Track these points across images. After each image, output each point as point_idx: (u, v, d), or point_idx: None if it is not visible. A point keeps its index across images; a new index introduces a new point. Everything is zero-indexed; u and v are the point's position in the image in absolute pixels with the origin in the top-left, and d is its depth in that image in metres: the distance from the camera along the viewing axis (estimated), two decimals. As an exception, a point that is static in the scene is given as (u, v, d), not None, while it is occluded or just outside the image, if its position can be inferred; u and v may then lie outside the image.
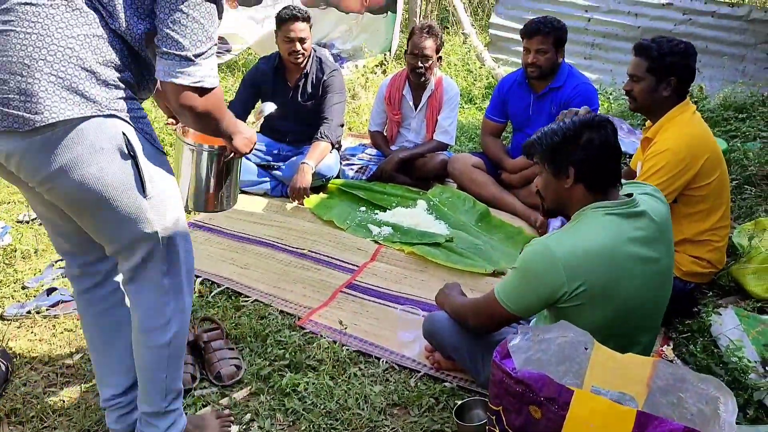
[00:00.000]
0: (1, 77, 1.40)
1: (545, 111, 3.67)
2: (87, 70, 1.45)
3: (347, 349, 2.40)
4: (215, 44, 1.57)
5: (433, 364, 2.34)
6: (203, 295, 2.74)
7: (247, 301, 2.71)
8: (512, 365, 1.32)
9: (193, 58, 1.50)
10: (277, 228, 3.38)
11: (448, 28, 7.47)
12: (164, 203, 1.62)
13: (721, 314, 2.43)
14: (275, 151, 4.03)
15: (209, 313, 2.59)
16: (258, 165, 3.88)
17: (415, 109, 4.10)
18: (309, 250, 3.17)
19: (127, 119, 1.54)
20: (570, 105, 3.53)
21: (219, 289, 2.77)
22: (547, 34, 3.51)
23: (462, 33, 6.67)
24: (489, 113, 3.97)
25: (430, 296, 2.77)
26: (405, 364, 2.35)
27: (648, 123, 2.74)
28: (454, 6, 6.82)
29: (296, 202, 3.63)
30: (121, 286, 1.82)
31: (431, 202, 3.70)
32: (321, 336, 2.48)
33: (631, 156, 4.29)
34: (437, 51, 3.92)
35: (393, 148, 4.21)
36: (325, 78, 3.86)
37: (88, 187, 1.49)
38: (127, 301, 1.80)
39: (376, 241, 3.25)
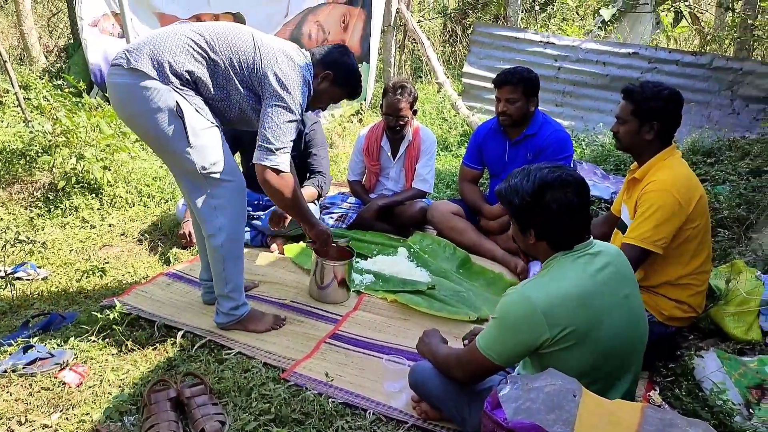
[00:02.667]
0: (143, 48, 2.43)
1: (521, 157, 3.75)
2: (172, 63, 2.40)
3: (333, 402, 2.38)
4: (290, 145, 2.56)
5: (420, 415, 2.33)
6: (185, 348, 2.71)
7: (230, 354, 2.68)
8: (503, 416, 1.34)
9: (275, 150, 2.51)
10: (259, 278, 3.37)
11: (421, 77, 7.66)
12: (205, 150, 2.49)
13: (703, 357, 2.48)
14: (255, 201, 4.04)
15: (192, 368, 2.56)
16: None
17: (394, 158, 4.17)
18: (291, 301, 3.17)
19: (184, 95, 2.43)
20: (545, 152, 3.64)
21: (201, 342, 2.74)
22: (516, 84, 3.62)
23: (436, 82, 6.83)
24: (466, 160, 4.05)
25: (413, 344, 2.77)
26: (392, 415, 2.33)
27: (634, 165, 2.80)
28: (427, 56, 7.00)
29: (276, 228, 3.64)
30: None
31: (412, 250, 3.73)
32: (306, 388, 2.45)
33: (605, 201, 4.42)
34: (411, 106, 4.01)
35: (372, 196, 4.26)
36: (306, 131, 3.93)
37: (149, 131, 2.46)
38: None
39: (358, 291, 3.25)
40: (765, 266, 3.26)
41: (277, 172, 2.54)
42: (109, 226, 4.08)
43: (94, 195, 4.29)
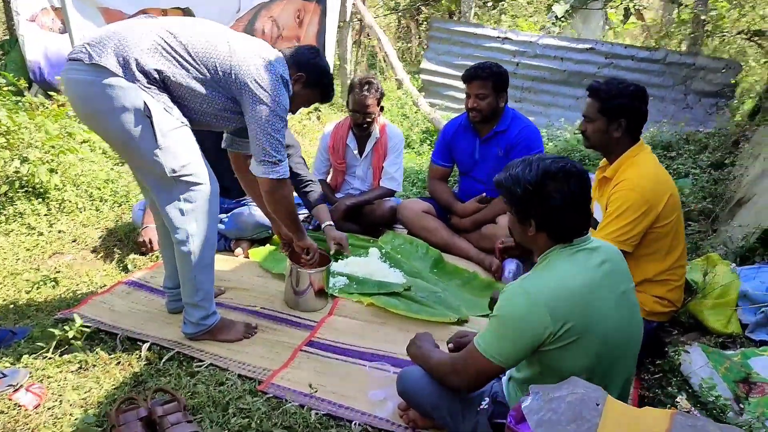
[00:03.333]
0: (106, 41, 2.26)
1: (491, 154, 3.71)
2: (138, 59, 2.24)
3: (317, 414, 2.27)
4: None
5: (408, 423, 2.25)
6: (152, 362, 2.55)
7: (201, 366, 2.53)
8: (528, 430, 1.26)
9: (278, 162, 2.50)
10: (225, 285, 3.22)
11: (377, 74, 7.57)
12: (175, 152, 2.34)
13: (689, 352, 2.47)
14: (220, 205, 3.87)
15: (161, 383, 2.40)
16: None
17: (360, 156, 4.07)
18: (261, 308, 3.03)
19: (151, 94, 2.27)
20: (516, 148, 3.61)
21: (169, 354, 2.58)
22: (485, 78, 3.57)
23: (396, 79, 6.76)
24: (435, 158, 3.98)
25: (395, 350, 2.69)
26: (379, 425, 2.24)
27: (603, 162, 2.79)
28: (385, 52, 6.92)
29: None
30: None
31: (383, 250, 3.64)
32: (286, 400, 2.33)
33: None
34: (378, 103, 3.92)
35: (338, 195, 4.15)
36: None
37: (113, 132, 2.30)
38: None
39: (331, 294, 3.14)
40: (736, 257, 3.31)
41: (282, 182, 2.54)
42: (59, 232, 3.84)
43: (40, 200, 4.03)
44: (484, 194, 3.74)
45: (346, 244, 3.52)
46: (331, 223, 3.67)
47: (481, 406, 2.04)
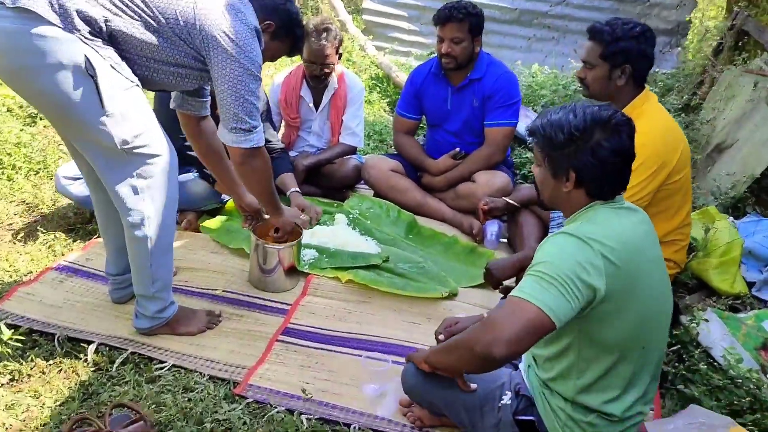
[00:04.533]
0: None
1: (466, 104, 3.43)
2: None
3: (309, 419, 1.98)
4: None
5: (414, 422, 2.01)
6: (101, 367, 2.18)
7: (162, 368, 2.19)
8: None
9: (252, 129, 2.14)
10: (177, 264, 2.83)
11: (315, 14, 7.08)
12: (126, 119, 1.93)
13: (707, 320, 2.31)
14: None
15: (117, 394, 2.04)
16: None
17: (316, 110, 3.70)
18: (223, 290, 2.68)
19: (95, 48, 1.85)
20: (493, 98, 3.36)
21: (122, 357, 2.22)
22: (460, 20, 3.25)
23: (337, 20, 6.31)
24: (401, 109, 3.66)
25: (386, 333, 2.43)
26: (381, 427, 1.99)
27: None
28: (323, -10, 6.45)
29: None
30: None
31: (351, 215, 3.33)
32: (270, 405, 2.04)
33: None
34: (337, 51, 3.54)
35: (292, 154, 3.77)
36: None
37: (45, 94, 1.86)
38: None
39: (302, 271, 2.82)
40: (727, 209, 3.20)
41: (256, 151, 2.19)
42: (-34, 209, 3.31)
43: (-62, 170, 3.47)
44: (458, 149, 3.47)
45: (316, 213, 3.21)
46: (298, 189, 3.32)
47: (503, 401, 1.81)
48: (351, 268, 2.80)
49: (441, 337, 2.03)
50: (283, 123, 3.84)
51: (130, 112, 1.95)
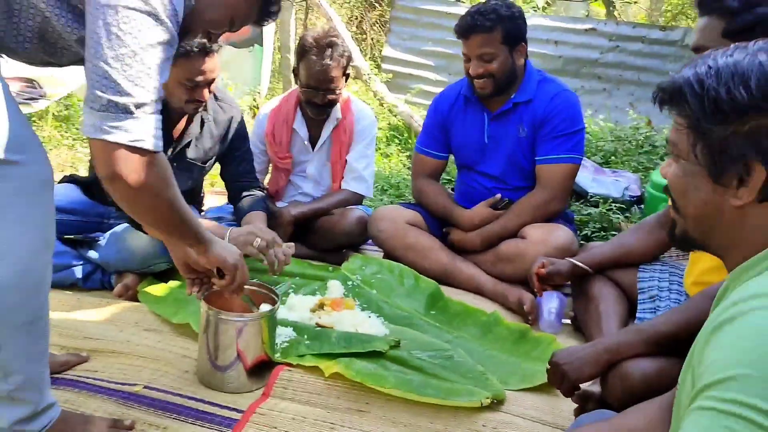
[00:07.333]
0: None
1: (510, 135, 2.70)
2: None
3: None
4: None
5: None
6: None
7: None
8: None
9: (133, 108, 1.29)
10: (90, 346, 2.01)
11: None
12: None
13: None
14: (97, 218, 2.69)
15: None
16: (65, 239, 2.53)
17: (313, 148, 2.99)
18: (145, 386, 1.83)
19: None
20: (548, 125, 2.73)
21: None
22: (489, 29, 2.56)
23: (352, 66, 5.87)
24: (423, 145, 2.93)
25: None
26: None
27: None
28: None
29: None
30: None
31: (350, 283, 2.52)
32: None
33: (617, 200, 3.53)
34: (344, 72, 2.85)
35: (280, 204, 3.02)
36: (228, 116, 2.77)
37: None
38: None
39: (270, 359, 1.96)
40: None
41: (140, 152, 1.33)
42: None
43: None
44: (499, 195, 2.69)
45: (283, 251, 2.36)
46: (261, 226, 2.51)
47: None
48: (342, 355, 1.94)
49: None
50: (270, 166, 3.12)
51: None
